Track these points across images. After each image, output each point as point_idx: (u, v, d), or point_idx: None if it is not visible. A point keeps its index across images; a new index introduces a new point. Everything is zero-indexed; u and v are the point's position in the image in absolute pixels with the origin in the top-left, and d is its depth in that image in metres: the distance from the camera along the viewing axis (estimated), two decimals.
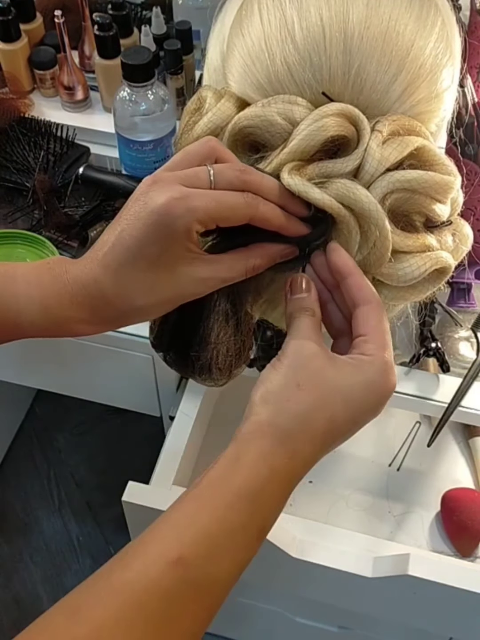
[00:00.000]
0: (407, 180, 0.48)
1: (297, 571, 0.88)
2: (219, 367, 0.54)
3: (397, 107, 0.50)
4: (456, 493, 1.00)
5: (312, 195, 0.48)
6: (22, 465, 1.78)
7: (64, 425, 1.84)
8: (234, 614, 1.33)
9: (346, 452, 1.08)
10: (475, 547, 0.98)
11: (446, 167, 0.50)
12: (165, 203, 0.46)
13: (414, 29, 0.50)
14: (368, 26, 0.49)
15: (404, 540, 1.00)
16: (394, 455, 1.07)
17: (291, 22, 0.49)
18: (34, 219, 1.02)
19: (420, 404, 0.92)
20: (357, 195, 0.48)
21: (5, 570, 1.63)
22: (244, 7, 0.53)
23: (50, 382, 1.19)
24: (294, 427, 0.46)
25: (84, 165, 1.05)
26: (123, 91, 0.98)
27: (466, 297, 1.00)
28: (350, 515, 1.02)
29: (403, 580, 0.82)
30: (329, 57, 0.49)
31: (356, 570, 0.84)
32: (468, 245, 0.54)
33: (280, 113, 0.49)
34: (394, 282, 0.51)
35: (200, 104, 0.53)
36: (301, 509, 1.02)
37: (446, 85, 0.52)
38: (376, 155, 0.48)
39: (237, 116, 0.50)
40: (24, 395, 1.84)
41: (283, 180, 0.48)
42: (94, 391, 1.17)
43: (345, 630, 1.19)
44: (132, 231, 0.47)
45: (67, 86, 1.13)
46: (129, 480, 0.84)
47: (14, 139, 1.09)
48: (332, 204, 0.48)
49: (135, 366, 1.02)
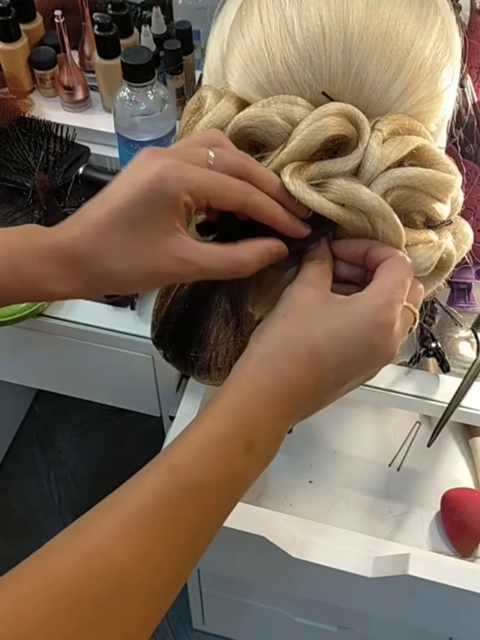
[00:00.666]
0: (407, 177, 0.48)
1: (297, 571, 0.88)
2: (218, 367, 0.54)
3: (397, 106, 0.50)
4: (456, 493, 1.00)
5: (310, 202, 0.48)
6: (22, 465, 1.78)
7: (64, 425, 1.84)
8: (234, 614, 1.33)
9: (346, 452, 1.08)
10: (475, 547, 0.98)
11: (446, 166, 0.51)
12: (160, 168, 0.45)
13: (414, 29, 0.50)
14: (368, 26, 0.49)
15: (404, 540, 1.00)
16: (394, 455, 1.07)
17: (291, 22, 0.49)
18: (34, 219, 1.02)
19: (420, 404, 0.92)
20: (356, 193, 0.48)
21: (6, 571, 1.63)
22: (243, 7, 0.53)
23: (50, 382, 1.19)
24: (274, 350, 0.46)
25: (84, 165, 1.05)
26: (123, 91, 0.98)
27: (466, 297, 1.00)
28: (350, 515, 1.02)
29: (403, 580, 0.82)
30: (329, 57, 0.49)
31: (356, 570, 0.84)
32: (468, 244, 0.54)
33: (280, 113, 0.49)
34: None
35: (200, 104, 0.53)
36: (301, 509, 1.02)
37: (446, 85, 0.52)
38: (377, 154, 0.48)
39: (237, 116, 0.50)
40: (24, 395, 1.84)
41: (284, 182, 0.48)
42: (94, 391, 1.17)
43: (345, 630, 1.20)
44: (120, 194, 0.46)
45: (67, 86, 1.13)
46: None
47: (14, 139, 1.09)
48: (331, 211, 0.48)
49: (135, 366, 1.02)
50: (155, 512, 0.42)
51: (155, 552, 0.41)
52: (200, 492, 0.43)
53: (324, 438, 1.08)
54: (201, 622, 1.46)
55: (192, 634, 1.54)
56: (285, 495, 1.03)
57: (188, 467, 0.43)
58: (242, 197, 0.47)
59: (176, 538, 0.42)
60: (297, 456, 1.06)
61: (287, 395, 0.46)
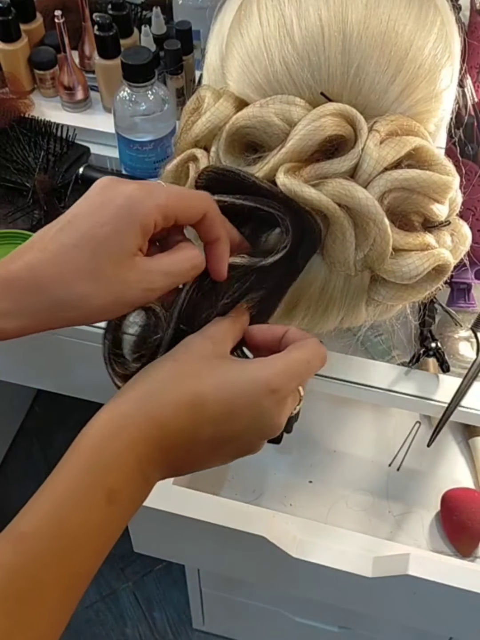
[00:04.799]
0: (405, 179, 0.48)
1: (297, 571, 0.88)
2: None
3: (395, 107, 0.50)
4: (456, 493, 1.00)
5: (307, 195, 0.47)
6: (22, 465, 1.78)
7: (64, 425, 1.84)
8: (234, 614, 1.33)
9: (346, 452, 1.08)
10: (475, 547, 0.98)
11: (444, 167, 0.50)
12: (132, 190, 0.44)
13: (413, 29, 0.50)
14: (367, 26, 0.49)
15: (404, 540, 1.00)
16: (394, 455, 1.07)
17: (290, 22, 0.49)
18: (34, 219, 1.02)
19: (420, 404, 0.92)
20: (354, 192, 0.47)
21: None
22: (243, 7, 0.53)
23: (50, 382, 1.19)
24: (155, 388, 0.43)
25: (84, 165, 1.05)
26: (123, 91, 0.98)
27: (466, 297, 1.00)
28: (350, 515, 1.02)
29: (403, 580, 0.82)
30: (328, 57, 0.49)
31: (356, 570, 0.84)
32: (466, 245, 0.54)
33: (278, 113, 0.49)
34: (398, 279, 0.51)
35: (199, 104, 0.53)
36: (301, 509, 1.02)
37: (445, 85, 0.52)
38: (374, 154, 0.48)
39: (235, 116, 0.50)
40: (24, 395, 1.84)
41: (278, 180, 0.48)
42: (93, 391, 1.17)
43: (345, 630, 1.20)
44: (84, 217, 0.44)
45: (67, 86, 1.13)
46: None
47: (14, 139, 1.09)
48: (328, 204, 0.48)
49: None
50: (7, 587, 0.38)
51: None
52: (57, 556, 0.39)
53: (324, 438, 1.08)
54: (201, 622, 1.46)
55: (192, 634, 1.55)
56: (285, 495, 1.03)
57: (38, 533, 0.39)
58: (205, 205, 0.46)
59: (39, 609, 0.38)
60: (297, 456, 1.05)
61: (159, 438, 0.42)
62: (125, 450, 0.41)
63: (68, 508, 0.40)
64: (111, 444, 0.41)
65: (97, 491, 0.40)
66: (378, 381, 0.91)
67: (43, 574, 0.38)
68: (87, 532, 0.40)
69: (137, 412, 0.42)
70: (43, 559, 0.39)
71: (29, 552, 0.38)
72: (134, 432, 0.42)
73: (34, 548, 0.39)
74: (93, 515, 0.40)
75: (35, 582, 0.38)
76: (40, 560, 0.38)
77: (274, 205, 0.48)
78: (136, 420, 0.42)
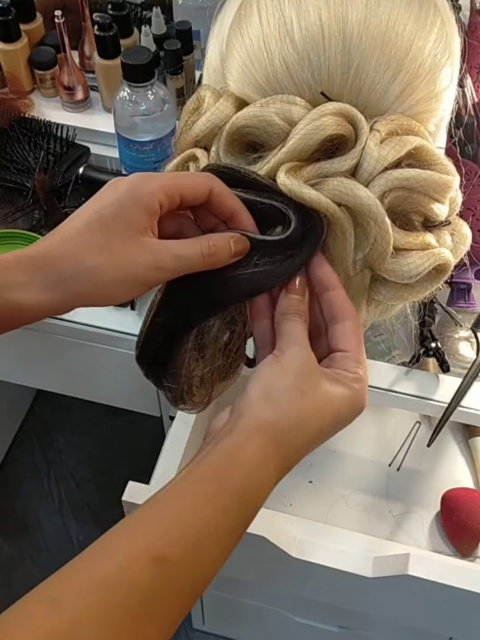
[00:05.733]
0: (405, 179, 0.48)
1: (297, 571, 0.88)
2: (192, 398, 0.53)
3: (395, 107, 0.50)
4: (456, 493, 1.00)
5: (307, 196, 0.48)
6: (22, 465, 1.78)
7: (64, 425, 1.84)
8: (234, 614, 1.33)
9: (346, 452, 1.08)
10: (475, 547, 0.98)
11: (445, 166, 0.50)
12: (132, 178, 0.48)
13: (413, 29, 0.50)
14: (367, 26, 0.49)
15: (404, 540, 1.00)
16: (394, 455, 1.07)
17: (290, 21, 0.49)
18: (34, 219, 1.02)
19: (420, 404, 0.92)
20: (355, 191, 0.47)
21: (5, 570, 1.63)
22: (243, 7, 0.53)
23: (50, 382, 1.19)
24: (293, 431, 0.46)
25: (84, 165, 1.05)
26: (123, 91, 0.98)
27: (466, 297, 1.00)
28: (350, 515, 1.02)
29: (403, 580, 0.82)
30: (328, 57, 0.49)
31: (356, 570, 0.84)
32: (467, 245, 0.54)
33: (278, 113, 0.49)
34: (398, 278, 0.51)
35: (199, 104, 0.53)
36: (301, 509, 1.02)
37: (445, 85, 0.52)
38: (374, 154, 0.48)
39: (235, 116, 0.50)
40: (24, 395, 1.84)
41: (278, 180, 0.48)
42: (94, 391, 1.17)
43: (345, 630, 1.20)
44: (90, 205, 0.48)
45: (67, 86, 1.13)
46: (129, 480, 0.84)
47: (14, 139, 1.09)
48: (328, 205, 0.48)
49: (135, 366, 1.02)
50: (139, 603, 0.40)
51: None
52: (192, 588, 0.43)
53: None
54: (201, 622, 1.45)
55: (192, 634, 1.54)
56: (285, 495, 1.03)
57: (184, 563, 0.42)
58: (208, 181, 0.48)
59: (154, 629, 0.41)
60: None
61: (282, 475, 0.47)
62: (261, 489, 0.46)
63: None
64: (251, 482, 0.45)
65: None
66: (378, 381, 0.91)
67: (178, 599, 0.42)
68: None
69: (275, 453, 0.46)
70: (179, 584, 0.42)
71: (170, 578, 0.41)
72: (270, 468, 0.46)
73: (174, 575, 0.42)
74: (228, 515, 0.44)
75: (167, 605, 0.41)
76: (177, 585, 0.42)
77: (276, 198, 0.49)
78: (275, 460, 0.46)
